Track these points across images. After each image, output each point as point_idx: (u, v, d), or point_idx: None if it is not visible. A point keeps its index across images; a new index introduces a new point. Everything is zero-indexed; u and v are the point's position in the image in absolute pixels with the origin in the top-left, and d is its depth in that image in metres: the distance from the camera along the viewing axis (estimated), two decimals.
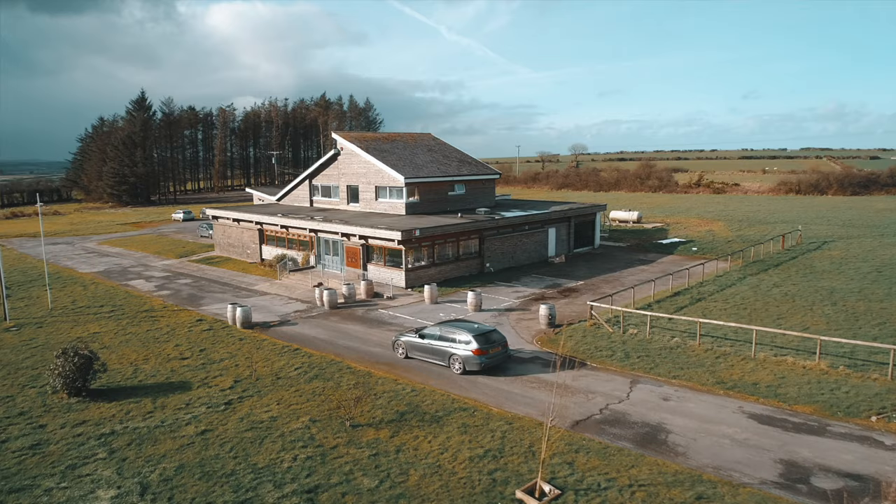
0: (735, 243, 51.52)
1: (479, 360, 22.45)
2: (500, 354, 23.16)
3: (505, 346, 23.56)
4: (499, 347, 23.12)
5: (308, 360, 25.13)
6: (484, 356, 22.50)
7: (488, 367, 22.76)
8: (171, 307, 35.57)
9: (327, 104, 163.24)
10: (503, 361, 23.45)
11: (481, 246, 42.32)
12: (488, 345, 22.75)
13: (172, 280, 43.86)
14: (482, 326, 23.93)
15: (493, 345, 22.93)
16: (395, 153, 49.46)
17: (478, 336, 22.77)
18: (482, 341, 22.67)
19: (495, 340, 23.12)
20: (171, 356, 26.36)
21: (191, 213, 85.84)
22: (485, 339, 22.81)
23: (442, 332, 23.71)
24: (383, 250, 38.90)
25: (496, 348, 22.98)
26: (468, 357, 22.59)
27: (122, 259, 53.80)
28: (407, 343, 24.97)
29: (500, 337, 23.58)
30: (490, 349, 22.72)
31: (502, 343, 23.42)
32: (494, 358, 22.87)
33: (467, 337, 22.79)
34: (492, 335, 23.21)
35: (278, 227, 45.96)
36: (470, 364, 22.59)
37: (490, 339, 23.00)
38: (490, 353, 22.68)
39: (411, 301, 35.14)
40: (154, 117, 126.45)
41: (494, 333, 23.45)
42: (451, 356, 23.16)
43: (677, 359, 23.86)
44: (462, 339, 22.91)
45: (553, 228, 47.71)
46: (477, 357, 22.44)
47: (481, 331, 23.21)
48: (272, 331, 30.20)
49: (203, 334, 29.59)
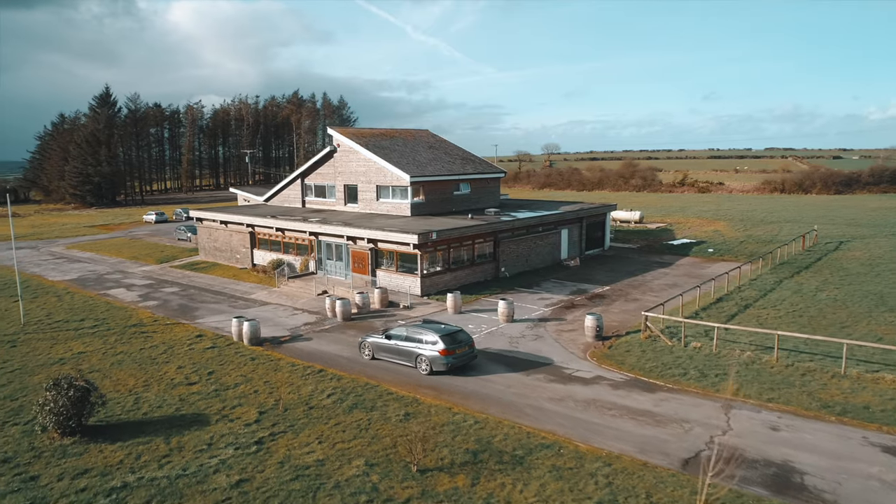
0: (748, 244, 49.60)
1: (446, 360, 22.22)
2: (466, 354, 22.88)
3: (471, 346, 23.26)
4: (465, 347, 22.85)
5: (339, 385, 21.84)
6: (450, 356, 22.28)
7: (455, 368, 22.49)
8: (163, 320, 31.80)
9: (300, 102, 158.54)
10: (470, 361, 23.13)
11: (496, 249, 39.39)
12: (455, 345, 22.49)
13: (157, 288, 39.89)
14: (448, 326, 23.64)
15: (460, 345, 22.67)
16: (397, 150, 46.24)
17: (444, 336, 22.47)
18: (449, 341, 22.39)
19: (462, 340, 22.87)
20: (175, 381, 22.79)
21: (164, 215, 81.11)
22: (451, 340, 22.52)
23: (408, 333, 23.48)
24: (395, 255, 35.68)
25: (463, 348, 22.71)
26: (435, 357, 22.33)
27: (95, 265, 49.41)
28: (373, 344, 24.50)
29: (467, 337, 23.35)
30: (457, 349, 22.47)
31: (469, 343, 23.15)
32: (461, 358, 22.62)
33: (433, 337, 22.51)
34: (458, 335, 22.95)
35: (273, 229, 42.32)
36: (437, 364, 22.32)
37: (456, 339, 22.73)
38: (457, 353, 22.44)
39: (432, 310, 32.01)
40: (119, 114, 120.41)
41: (461, 333, 23.19)
42: (418, 357, 22.85)
43: (760, 377, 21.25)
44: (428, 339, 22.63)
45: (565, 230, 45.05)
46: (443, 357, 22.20)
47: (448, 331, 22.93)
48: (285, 348, 26.78)
49: (207, 353, 26.01)
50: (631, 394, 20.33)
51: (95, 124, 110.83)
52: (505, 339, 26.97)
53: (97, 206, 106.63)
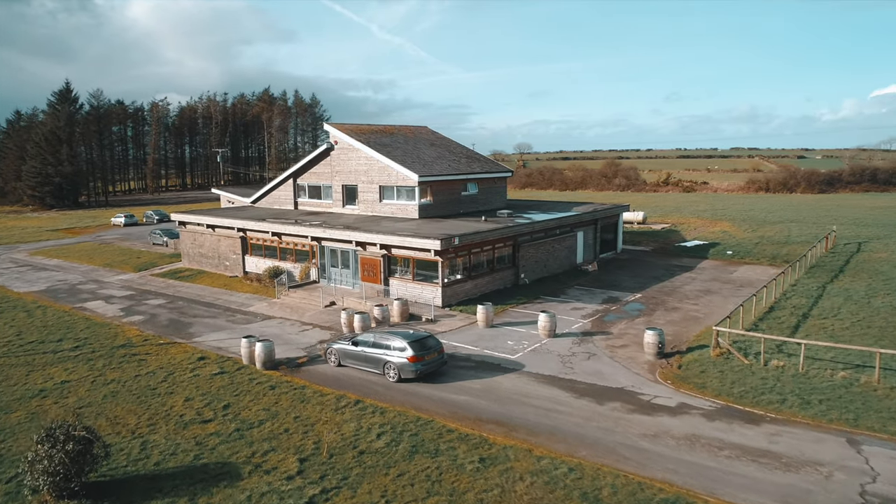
0: (763, 245, 47.58)
1: (415, 367, 21.38)
2: (435, 361, 22.02)
3: (441, 353, 22.36)
4: (434, 353, 21.98)
5: (385, 420, 18.55)
6: (419, 363, 21.44)
7: (424, 375, 21.59)
8: (155, 339, 27.99)
9: (271, 99, 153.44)
10: (439, 367, 22.23)
11: (515, 254, 36.39)
12: (424, 351, 21.65)
13: (140, 301, 35.86)
14: (417, 333, 22.82)
15: (429, 351, 21.83)
16: (399, 148, 42.91)
17: (413, 342, 21.66)
18: (417, 348, 21.56)
19: (431, 346, 22.02)
20: (185, 418, 19.22)
21: (133, 217, 76.10)
22: (420, 346, 21.68)
23: (376, 339, 22.55)
24: (410, 262, 32.41)
25: (432, 354, 21.87)
26: (403, 364, 21.51)
27: (65, 273, 44.92)
28: (339, 351, 23.45)
29: (436, 343, 22.48)
30: (426, 356, 21.63)
31: (438, 349, 22.25)
32: (430, 364, 21.77)
33: (402, 343, 21.70)
34: (427, 341, 22.10)
35: (269, 234, 38.58)
36: (405, 372, 21.49)
37: (426, 345, 21.88)
38: (426, 360, 21.60)
39: (460, 324, 28.83)
40: (80, 111, 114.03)
41: (430, 339, 22.34)
42: (386, 364, 21.97)
43: (869, 403, 18.64)
44: (396, 345, 21.80)
45: (581, 232, 42.30)
46: (412, 364, 21.38)
47: (416, 337, 22.14)
48: (306, 372, 23.34)
49: (216, 381, 22.40)
50: (732, 427, 17.49)
51: (55, 121, 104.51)
52: (554, 358, 23.97)
53: (58, 208, 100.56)
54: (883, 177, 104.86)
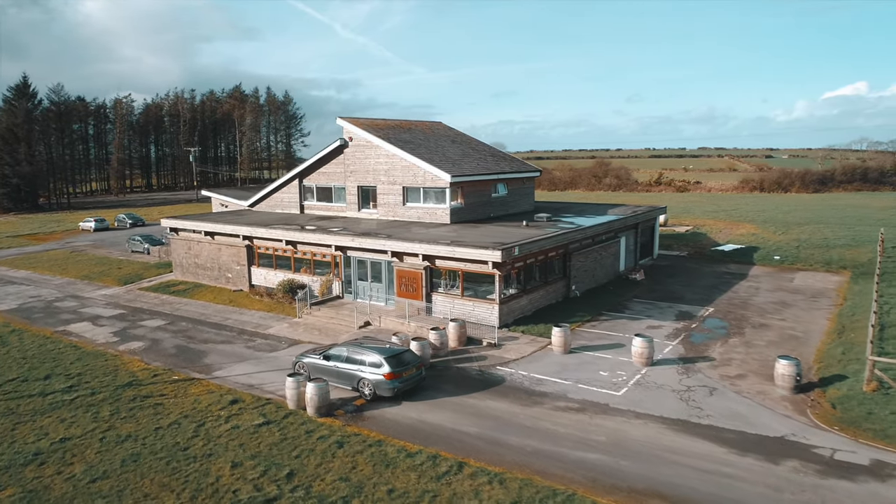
0: (806, 249, 44.44)
1: (392, 384, 19.78)
2: (414, 377, 20.44)
3: (419, 368, 20.75)
4: (413, 369, 20.43)
5: (510, 495, 14.17)
6: (396, 380, 19.85)
7: (401, 393, 20.00)
8: (166, 374, 23.04)
9: (242, 97, 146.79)
10: (417, 384, 20.62)
11: (566, 264, 32.30)
12: (401, 367, 20.04)
13: (134, 322, 30.70)
14: (393, 347, 21.25)
15: (406, 367, 20.25)
16: (423, 145, 38.50)
17: (390, 358, 20.01)
18: (394, 364, 19.93)
19: (408, 362, 20.46)
20: (241, 496, 14.54)
21: (104, 222, 69.80)
22: (397, 361, 20.06)
23: (350, 354, 20.90)
24: (458, 275, 28.03)
25: (410, 370, 20.29)
26: (379, 382, 19.90)
27: (37, 287, 39.25)
28: (310, 365, 21.65)
29: (414, 357, 20.93)
30: (403, 372, 20.05)
31: (416, 364, 20.67)
32: (408, 381, 20.21)
33: (377, 359, 20.09)
34: (404, 356, 20.53)
35: (282, 243, 33.69)
36: (381, 389, 19.90)
37: (402, 360, 20.32)
38: (403, 377, 20.05)
39: (531, 349, 24.56)
40: (39, 107, 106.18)
41: (407, 354, 20.79)
42: (360, 380, 20.34)
43: None
44: (372, 360, 20.19)
45: (623, 237, 38.45)
46: (389, 382, 19.77)
47: (393, 352, 20.51)
48: (370, 418, 18.81)
49: (264, 435, 17.71)
50: None
51: (12, 118, 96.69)
52: (669, 395, 19.90)
53: (15, 212, 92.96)
54: (873, 176, 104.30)
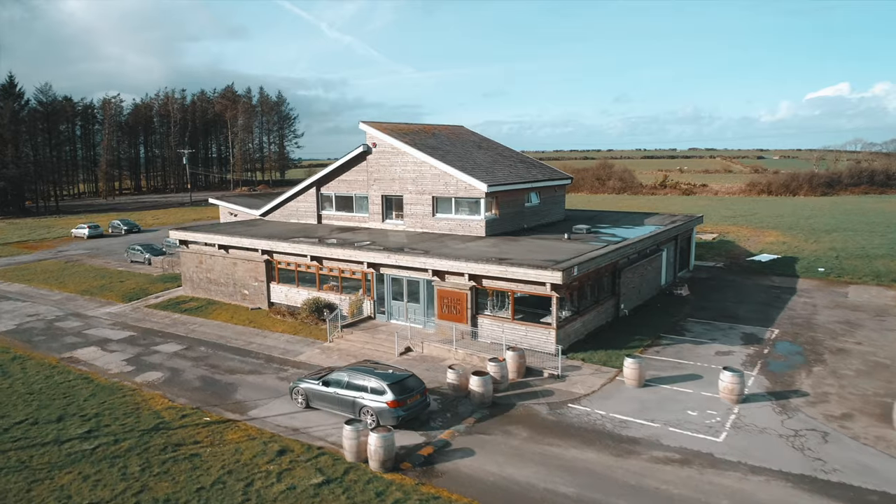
0: (849, 260, 42.45)
1: (396, 413, 18.72)
2: (418, 404, 19.41)
3: (424, 394, 19.71)
4: (417, 396, 19.38)
5: None
6: (401, 408, 18.77)
7: (405, 421, 18.91)
8: (196, 415, 20.43)
9: (234, 97, 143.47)
10: (421, 412, 19.56)
11: (615, 281, 30.01)
12: (405, 394, 19.01)
13: (147, 346, 28.00)
14: (396, 372, 20.00)
15: (411, 393, 19.19)
16: (451, 151, 36.13)
17: (393, 385, 19.02)
18: (398, 390, 18.93)
19: (412, 388, 19.39)
20: None
21: (98, 228, 66.70)
22: (401, 388, 19.05)
23: (350, 379, 19.84)
24: (507, 296, 25.63)
25: (414, 397, 19.25)
26: (382, 410, 18.86)
27: (35, 304, 36.36)
28: (308, 391, 20.63)
29: (418, 383, 19.80)
30: (408, 399, 19.01)
31: (420, 391, 19.59)
32: (412, 409, 19.16)
33: (380, 385, 19.10)
34: (408, 382, 19.48)
35: (307, 258, 31.08)
36: (384, 418, 18.86)
37: (406, 386, 19.27)
38: (408, 405, 18.99)
39: (599, 381, 22.19)
40: (26, 108, 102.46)
41: (411, 379, 19.69)
42: (362, 408, 19.33)
43: None
44: (374, 387, 19.19)
45: (664, 250, 36.25)
46: (393, 410, 18.72)
47: (396, 378, 19.44)
48: (443, 473, 16.34)
49: (325, 497, 15.18)
50: None
51: None
52: (776, 441, 17.61)
53: (1, 216, 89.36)
54: (880, 178, 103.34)
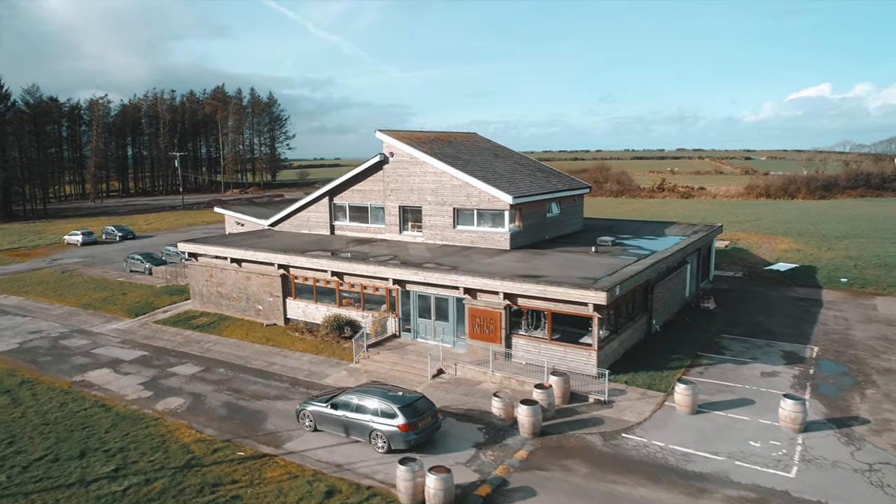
0: (869, 269, 41.82)
1: (407, 436, 18.50)
2: (430, 427, 19.14)
3: (435, 416, 19.44)
4: (428, 418, 19.10)
5: None
6: (412, 431, 18.54)
7: (417, 445, 18.60)
8: (227, 449, 19.17)
9: (225, 97, 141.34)
10: (432, 435, 19.22)
11: (647, 296, 29.09)
12: (416, 417, 18.74)
13: (163, 368, 26.66)
14: (406, 395, 19.64)
15: (422, 416, 18.90)
16: (471, 161, 35.06)
17: (404, 408, 18.78)
18: (409, 414, 18.68)
19: (423, 411, 19.11)
20: None
21: (92, 235, 64.90)
22: (412, 411, 18.80)
23: (360, 402, 19.46)
24: (544, 316, 24.59)
25: (425, 420, 18.96)
26: (393, 434, 18.61)
27: (35, 320, 34.81)
28: (315, 414, 20.29)
29: (428, 405, 19.53)
30: (419, 422, 18.73)
31: (431, 413, 19.32)
32: (424, 433, 18.87)
33: (391, 408, 18.84)
34: (419, 404, 19.23)
35: (328, 273, 29.84)
36: (396, 442, 18.63)
37: (417, 409, 19.01)
38: (419, 428, 18.72)
39: (648, 408, 21.20)
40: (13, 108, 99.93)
41: (421, 401, 19.45)
42: (373, 432, 19.05)
43: None
44: (385, 410, 18.92)
45: (689, 262, 35.40)
46: (404, 434, 18.49)
47: (407, 400, 19.19)
48: None
49: None
50: None
51: None
52: (854, 477, 16.70)
53: None
54: (875, 181, 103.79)
